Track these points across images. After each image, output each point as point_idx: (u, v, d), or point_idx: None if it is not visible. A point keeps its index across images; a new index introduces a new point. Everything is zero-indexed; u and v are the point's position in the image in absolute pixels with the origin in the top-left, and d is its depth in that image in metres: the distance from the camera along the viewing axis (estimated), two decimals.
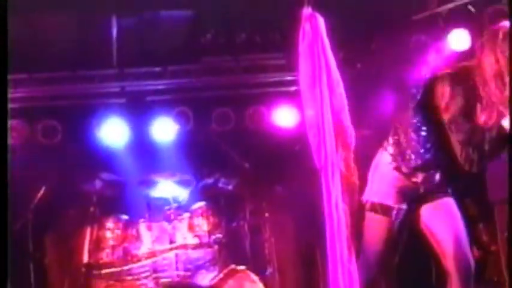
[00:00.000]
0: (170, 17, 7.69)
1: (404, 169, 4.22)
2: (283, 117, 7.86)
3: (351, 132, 3.70)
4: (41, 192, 7.28)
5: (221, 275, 6.82)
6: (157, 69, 8.18)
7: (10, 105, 8.11)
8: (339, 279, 3.35)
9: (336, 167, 3.51)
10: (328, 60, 3.71)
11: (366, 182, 4.35)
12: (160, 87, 8.26)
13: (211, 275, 7.06)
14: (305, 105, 3.72)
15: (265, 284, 6.86)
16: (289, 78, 7.83)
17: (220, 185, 7.52)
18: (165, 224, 7.33)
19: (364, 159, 4.21)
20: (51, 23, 7.64)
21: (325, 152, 3.54)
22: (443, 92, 4.04)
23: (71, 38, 7.79)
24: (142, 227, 7.31)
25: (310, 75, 3.68)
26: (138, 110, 8.24)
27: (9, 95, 8.01)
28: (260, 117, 8.11)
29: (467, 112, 3.98)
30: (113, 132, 8.08)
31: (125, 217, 7.44)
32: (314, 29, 3.71)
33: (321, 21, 3.74)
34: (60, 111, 8.23)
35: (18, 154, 7.67)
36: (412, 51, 7.42)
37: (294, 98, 7.38)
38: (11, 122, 7.96)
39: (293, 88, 7.67)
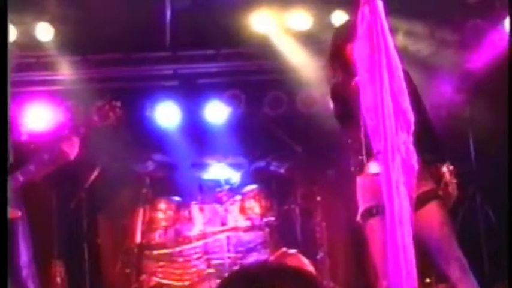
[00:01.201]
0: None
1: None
2: None
3: (410, 115, 3.67)
4: (95, 173, 7.38)
5: (272, 258, 6.85)
6: (210, 51, 8.23)
7: (65, 87, 8.30)
8: (401, 263, 3.35)
9: (396, 150, 3.50)
10: (387, 43, 3.69)
11: None
12: (212, 70, 8.32)
13: (262, 257, 7.09)
14: (363, 88, 3.71)
15: (316, 268, 6.87)
16: None
17: (272, 168, 7.54)
18: (217, 206, 7.38)
19: None
20: (105, 5, 7.70)
21: (384, 135, 3.53)
22: None
23: (124, 20, 7.85)
24: (195, 208, 7.38)
25: (369, 58, 3.67)
26: (191, 93, 8.31)
27: (63, 77, 8.23)
28: (312, 101, 8.11)
29: None
30: (165, 114, 8.18)
31: (177, 199, 7.52)
32: (373, 12, 3.70)
33: (379, 4, 3.72)
34: (114, 93, 8.31)
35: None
36: (468, 35, 7.33)
37: None
38: (65, 103, 8.12)
39: None
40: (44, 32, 7.70)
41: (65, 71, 8.20)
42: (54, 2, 7.49)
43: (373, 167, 4.01)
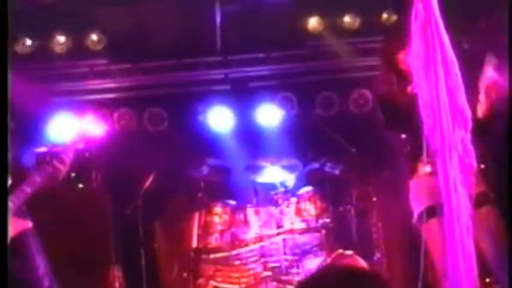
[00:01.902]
0: (273, 2, 7.71)
1: None
2: None
3: (467, 112, 3.63)
4: (150, 178, 7.44)
5: (329, 260, 6.83)
6: (260, 55, 8.25)
7: (118, 95, 8.42)
8: (460, 263, 3.31)
9: (454, 148, 3.46)
10: (442, 40, 3.65)
11: None
12: (264, 73, 8.34)
13: (319, 259, 7.07)
14: (418, 86, 3.68)
15: (372, 269, 6.80)
16: None
17: (326, 169, 7.51)
18: (272, 209, 7.38)
19: None
20: (155, 12, 7.79)
21: (441, 132, 3.49)
22: None
23: (175, 26, 7.93)
24: (250, 212, 7.39)
25: (424, 55, 3.63)
26: (242, 96, 8.34)
27: (115, 85, 8.35)
28: (365, 101, 8.07)
29: None
30: (218, 118, 8.22)
31: (232, 202, 7.55)
32: (427, 9, 3.66)
33: (433, 0, 3.69)
34: (165, 99, 8.42)
35: (127, 142, 7.92)
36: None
37: None
38: (119, 111, 8.23)
39: None
40: (96, 41, 7.81)
41: (118, 79, 8.31)
42: (105, 12, 7.60)
43: (427, 168, 3.98)
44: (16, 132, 4.53)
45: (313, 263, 7.06)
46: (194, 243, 7.41)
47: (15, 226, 4.26)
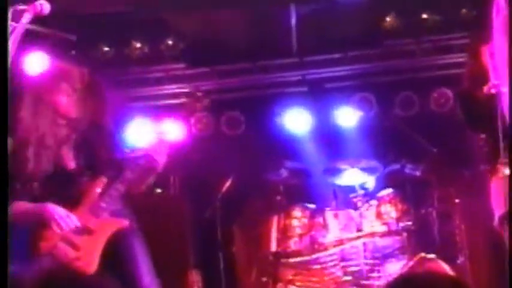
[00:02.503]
0: (348, 1, 7.64)
1: None
2: None
3: None
4: (228, 182, 7.46)
5: (411, 264, 6.70)
6: (337, 55, 8.18)
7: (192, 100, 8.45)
8: None
9: None
10: None
11: None
12: (341, 73, 8.26)
13: (400, 263, 6.95)
14: (501, 81, 3.57)
15: (456, 274, 6.65)
16: None
17: (407, 170, 7.36)
18: (352, 212, 7.29)
19: None
20: (230, 15, 7.82)
21: None
22: None
23: (250, 29, 7.94)
24: (329, 215, 7.31)
25: (508, 51, 3.52)
26: (320, 98, 8.28)
27: (192, 89, 8.39)
28: (446, 100, 7.90)
29: None
30: (295, 121, 8.18)
31: (311, 206, 7.49)
32: (510, 3, 3.55)
33: None
34: (242, 103, 8.44)
35: (204, 146, 7.97)
36: None
37: None
38: (196, 115, 8.28)
39: None
40: (172, 46, 7.90)
41: (194, 83, 8.37)
42: (180, 16, 7.66)
43: (506, 170, 3.85)
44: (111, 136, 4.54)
45: (394, 267, 6.94)
46: (273, 247, 7.37)
47: (110, 226, 4.29)
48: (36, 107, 4.33)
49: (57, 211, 4.17)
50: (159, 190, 8.00)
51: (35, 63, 7.04)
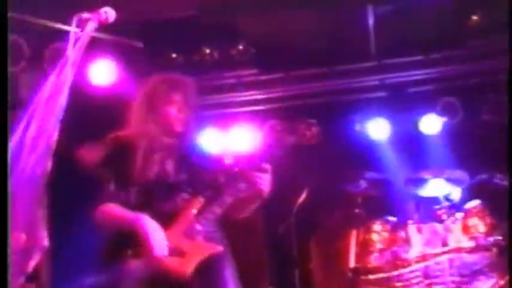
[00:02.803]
0: (429, 1, 7.56)
1: None
2: None
3: None
4: (304, 194, 7.45)
5: (502, 282, 6.58)
6: (418, 58, 8.09)
7: (267, 106, 8.50)
8: None
9: None
10: None
11: None
12: (422, 77, 8.17)
13: (490, 282, 6.82)
14: None
15: None
16: None
17: (496, 181, 7.23)
18: (437, 226, 7.19)
19: None
20: (303, 17, 7.82)
21: None
22: None
23: (325, 31, 7.92)
24: (412, 229, 7.23)
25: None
26: (400, 103, 8.21)
27: (265, 96, 8.44)
28: None
29: None
30: (374, 128, 8.13)
31: (392, 219, 7.42)
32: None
33: None
34: (318, 109, 8.42)
35: (278, 156, 7.96)
36: None
37: None
38: (269, 123, 8.31)
39: None
40: (243, 50, 7.95)
41: (268, 90, 8.41)
42: (251, 19, 7.70)
43: None
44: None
45: (483, 285, 6.81)
46: (352, 263, 7.34)
47: (203, 250, 4.32)
48: (148, 114, 4.41)
49: (152, 228, 4.18)
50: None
51: (102, 71, 7.22)
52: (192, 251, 4.25)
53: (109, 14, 3.33)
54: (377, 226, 7.35)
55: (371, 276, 7.21)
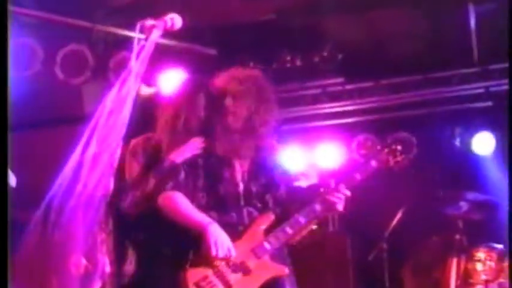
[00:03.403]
0: None
1: None
2: None
3: None
4: (397, 218, 7.43)
5: None
6: None
7: (356, 119, 8.51)
8: None
9: None
10: None
11: None
12: None
13: None
14: None
15: None
16: None
17: None
18: None
19: None
20: (395, 19, 7.82)
21: None
22: None
23: (420, 34, 7.90)
24: None
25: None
26: (507, 114, 8.10)
27: (353, 107, 8.46)
28: None
29: None
30: (477, 142, 8.05)
31: (498, 246, 7.32)
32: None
33: None
34: (412, 122, 8.39)
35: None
36: None
37: None
38: (358, 137, 8.33)
39: None
40: (328, 57, 7.99)
41: (355, 101, 8.42)
42: (336, 22, 7.74)
43: None
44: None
45: None
46: None
47: (269, 271, 4.42)
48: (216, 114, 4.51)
49: (221, 239, 4.29)
50: (315, 227, 8.07)
51: (172, 80, 7.35)
52: (257, 270, 4.36)
53: (175, 20, 3.41)
54: (481, 254, 7.23)
55: None
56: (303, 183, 4.85)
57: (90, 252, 3.72)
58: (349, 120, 8.57)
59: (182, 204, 4.36)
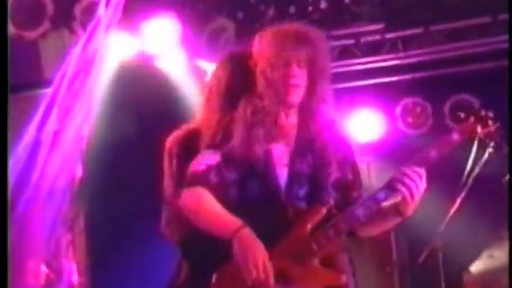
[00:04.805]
0: None
1: None
2: None
3: None
4: (454, 207, 7.45)
5: None
6: None
7: (399, 77, 8.54)
8: None
9: None
10: None
11: None
12: None
13: None
14: None
15: None
16: None
17: None
18: None
19: None
20: None
21: None
22: None
23: None
24: None
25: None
26: None
27: (394, 62, 8.49)
28: None
29: None
30: None
31: None
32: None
33: None
34: (477, 80, 8.37)
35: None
36: None
37: None
38: (404, 101, 8.37)
39: None
40: None
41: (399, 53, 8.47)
42: None
43: None
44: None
45: None
46: None
47: (319, 279, 4.38)
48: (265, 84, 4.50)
49: (254, 249, 4.21)
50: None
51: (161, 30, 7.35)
52: (303, 279, 4.31)
53: None
54: None
55: None
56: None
57: (52, 258, 3.71)
58: (391, 79, 8.56)
59: (207, 204, 4.32)
